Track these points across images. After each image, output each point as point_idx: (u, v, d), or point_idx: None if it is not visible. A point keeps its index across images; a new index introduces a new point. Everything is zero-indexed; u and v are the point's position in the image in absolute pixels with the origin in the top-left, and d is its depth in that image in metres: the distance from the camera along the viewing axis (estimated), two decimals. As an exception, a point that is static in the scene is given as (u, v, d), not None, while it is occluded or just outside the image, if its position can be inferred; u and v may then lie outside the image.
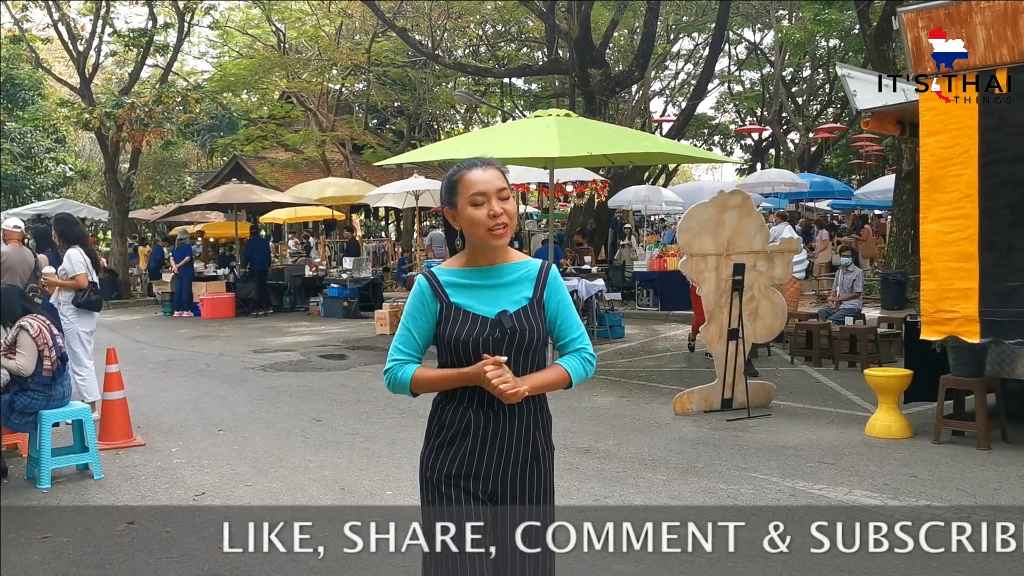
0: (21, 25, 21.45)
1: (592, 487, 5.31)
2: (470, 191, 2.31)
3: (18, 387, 5.36)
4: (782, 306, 7.74)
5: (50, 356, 5.39)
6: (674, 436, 6.63)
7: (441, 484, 2.35)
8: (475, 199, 2.30)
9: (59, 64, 25.84)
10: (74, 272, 7.12)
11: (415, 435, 6.46)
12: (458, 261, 2.43)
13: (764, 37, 30.15)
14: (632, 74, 18.84)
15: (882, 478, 5.41)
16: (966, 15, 5.83)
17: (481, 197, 2.30)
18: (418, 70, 24.71)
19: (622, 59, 25.53)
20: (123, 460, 6.09)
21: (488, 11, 24.78)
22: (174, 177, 28.64)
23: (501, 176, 2.34)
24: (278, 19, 24.71)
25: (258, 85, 26.08)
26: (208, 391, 8.86)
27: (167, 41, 21.12)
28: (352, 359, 10.90)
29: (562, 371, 2.38)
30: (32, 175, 24.42)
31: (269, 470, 5.83)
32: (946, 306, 5.95)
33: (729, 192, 7.58)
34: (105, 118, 18.23)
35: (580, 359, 2.42)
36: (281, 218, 24.73)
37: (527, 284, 2.39)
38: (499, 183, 2.32)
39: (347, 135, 26.03)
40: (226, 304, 16.78)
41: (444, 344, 2.35)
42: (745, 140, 35.55)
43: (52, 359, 5.40)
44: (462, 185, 2.32)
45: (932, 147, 6.16)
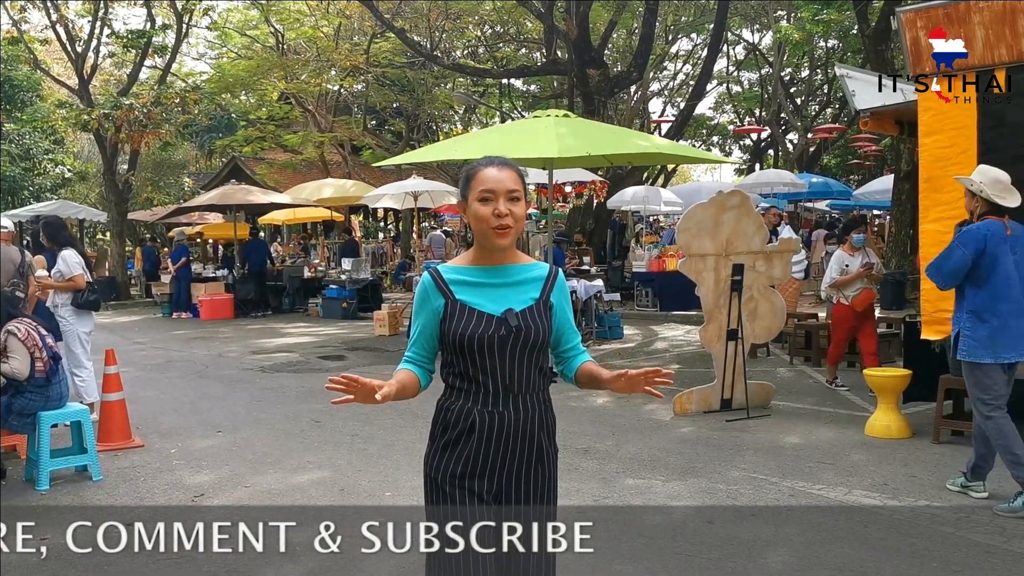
0: (19, 26, 21.44)
1: (591, 487, 5.30)
2: (480, 187, 2.33)
3: (14, 389, 5.36)
4: (781, 306, 7.74)
5: (41, 357, 5.39)
6: (673, 436, 6.62)
7: (446, 484, 2.36)
8: (484, 195, 2.32)
9: (57, 65, 25.80)
10: (71, 273, 7.10)
11: (414, 436, 6.47)
12: (464, 259, 2.45)
13: (763, 37, 30.18)
14: (631, 75, 18.85)
15: (881, 478, 5.41)
16: (965, 15, 5.84)
17: (490, 195, 2.31)
18: (417, 71, 24.69)
19: (621, 60, 25.55)
20: (122, 461, 6.08)
21: (487, 12, 24.77)
22: (173, 178, 28.62)
23: (516, 179, 2.35)
24: (276, 20, 24.67)
25: (256, 86, 26.04)
26: (207, 392, 8.85)
27: (165, 42, 21.10)
28: (351, 360, 10.89)
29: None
30: (31, 176, 24.39)
31: (268, 471, 5.82)
32: (946, 306, 5.94)
33: (727, 193, 7.58)
34: (103, 119, 18.22)
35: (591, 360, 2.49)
36: (280, 219, 24.71)
37: (534, 285, 2.41)
38: (511, 184, 2.33)
39: (346, 136, 26.01)
40: (225, 305, 16.77)
41: (448, 340, 2.35)
42: (744, 140, 35.55)
43: (44, 360, 5.40)
44: (475, 180, 2.35)
45: (931, 147, 6.17)
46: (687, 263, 7.35)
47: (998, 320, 4.71)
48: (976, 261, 4.74)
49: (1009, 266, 4.73)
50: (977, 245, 4.73)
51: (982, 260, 4.73)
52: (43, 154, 25.28)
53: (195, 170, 32.61)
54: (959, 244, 4.82)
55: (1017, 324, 4.73)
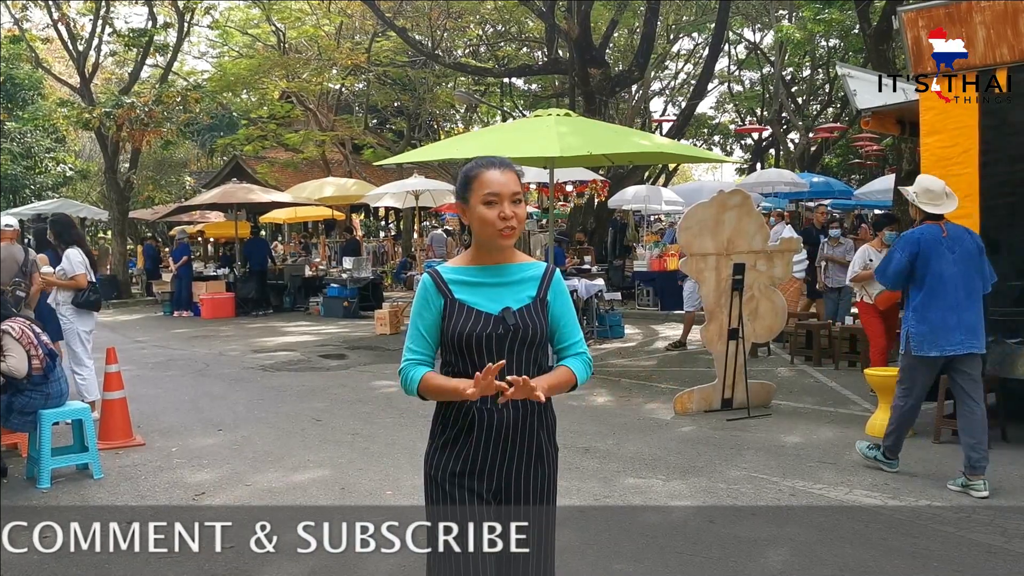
0: (21, 25, 21.43)
1: (592, 487, 5.30)
2: (484, 190, 2.33)
3: (14, 388, 5.36)
4: (782, 306, 7.73)
5: (37, 355, 5.39)
6: (674, 436, 6.62)
7: (446, 483, 2.36)
8: (488, 199, 2.32)
9: (59, 64, 25.81)
10: (73, 272, 7.11)
11: (415, 435, 6.47)
12: (463, 259, 2.45)
13: (764, 37, 30.14)
14: (632, 74, 18.83)
15: (882, 477, 5.41)
16: (966, 14, 5.84)
17: (495, 198, 2.32)
18: (418, 70, 24.68)
19: (622, 59, 25.53)
20: (123, 460, 6.09)
21: (488, 11, 24.75)
22: (174, 177, 28.61)
23: (517, 180, 2.37)
24: (278, 19, 24.67)
25: (258, 85, 26.04)
26: (208, 391, 8.86)
27: (167, 41, 21.10)
28: (352, 359, 10.90)
29: (569, 372, 2.41)
30: (32, 175, 24.39)
31: (269, 470, 5.83)
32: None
33: (729, 192, 7.58)
34: (105, 118, 18.21)
35: (583, 362, 2.45)
36: (281, 218, 24.72)
37: (531, 284, 2.42)
38: (514, 187, 2.35)
39: (347, 135, 26.02)
40: (226, 304, 16.78)
41: (447, 339, 2.36)
42: (745, 140, 35.50)
43: (40, 357, 5.40)
44: (477, 183, 2.35)
45: (932, 147, 6.17)
46: (688, 262, 7.35)
47: (937, 315, 5.13)
48: (912, 263, 5.21)
49: (944, 266, 5.15)
50: (911, 249, 5.22)
51: (917, 262, 5.19)
52: (44, 152, 25.28)
53: (196, 169, 32.60)
54: (897, 249, 5.35)
55: (956, 319, 5.12)
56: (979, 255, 5.26)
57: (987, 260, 5.33)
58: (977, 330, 5.17)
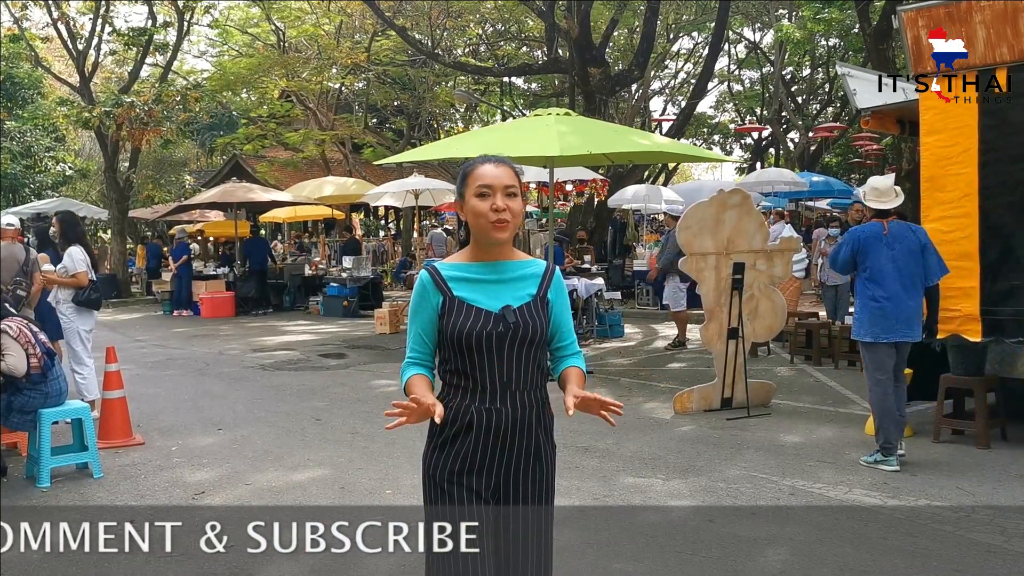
0: (20, 24, 21.43)
1: (591, 486, 5.30)
2: (477, 183, 2.34)
3: (13, 387, 5.36)
4: (782, 305, 7.74)
5: (35, 354, 5.39)
6: (674, 435, 6.63)
7: (444, 482, 2.36)
8: (481, 190, 2.33)
9: (59, 63, 25.80)
10: (75, 270, 7.11)
11: (415, 434, 6.43)
12: (462, 256, 2.44)
13: (764, 36, 30.15)
14: (632, 73, 18.82)
15: (881, 477, 5.41)
16: (966, 14, 5.83)
17: (487, 190, 2.33)
18: (418, 69, 24.67)
19: (622, 58, 25.52)
20: (122, 459, 6.09)
21: (488, 10, 24.75)
22: (174, 176, 28.63)
23: (512, 175, 2.37)
24: (278, 18, 24.68)
25: (257, 84, 26.06)
26: (207, 390, 8.86)
27: (167, 40, 21.11)
28: (352, 358, 10.90)
29: (583, 374, 2.46)
30: (32, 174, 24.38)
31: (268, 469, 5.83)
32: (947, 305, 5.95)
33: (729, 191, 7.57)
34: (105, 117, 18.21)
35: (584, 361, 2.48)
36: (281, 217, 24.71)
37: (531, 282, 2.41)
38: (508, 180, 2.35)
39: (347, 134, 26.01)
40: (226, 303, 16.78)
41: (446, 337, 2.35)
42: (745, 139, 35.51)
43: (38, 355, 5.40)
44: (471, 177, 2.36)
45: (932, 146, 6.16)
46: (688, 261, 7.35)
47: (876, 305, 5.60)
48: (855, 256, 5.76)
49: (883, 260, 5.63)
50: (853, 244, 5.79)
51: (859, 256, 5.74)
52: (44, 151, 25.27)
53: (196, 168, 32.62)
54: (843, 243, 5.98)
55: (893, 309, 5.56)
56: (920, 251, 5.64)
57: (935, 254, 5.67)
58: (913, 320, 5.60)
